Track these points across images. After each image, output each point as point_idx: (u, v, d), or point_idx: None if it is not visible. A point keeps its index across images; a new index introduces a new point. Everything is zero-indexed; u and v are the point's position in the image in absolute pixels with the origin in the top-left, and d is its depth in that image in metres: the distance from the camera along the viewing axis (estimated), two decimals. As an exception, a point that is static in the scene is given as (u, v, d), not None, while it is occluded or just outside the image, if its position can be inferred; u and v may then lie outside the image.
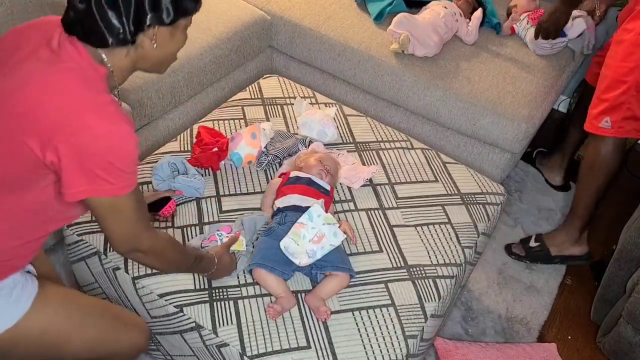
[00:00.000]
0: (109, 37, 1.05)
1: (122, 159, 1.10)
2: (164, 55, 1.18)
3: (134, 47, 1.11)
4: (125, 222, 1.18)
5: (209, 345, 1.47)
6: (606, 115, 2.02)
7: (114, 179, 1.10)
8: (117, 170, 1.10)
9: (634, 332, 1.90)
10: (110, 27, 1.04)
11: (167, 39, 1.14)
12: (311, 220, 1.56)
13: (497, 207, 1.90)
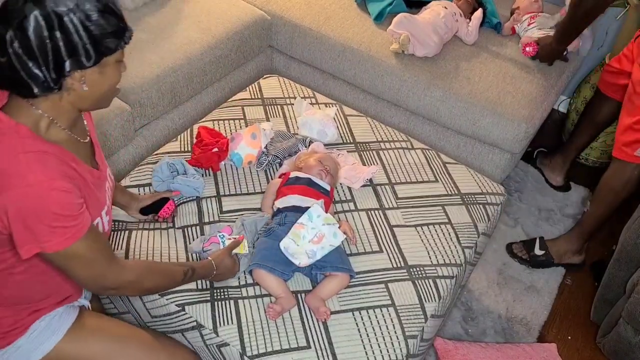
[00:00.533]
0: (34, 87, 1.05)
1: (48, 214, 1.08)
2: (99, 94, 1.15)
3: (65, 91, 1.10)
4: (84, 268, 1.18)
5: (210, 344, 1.47)
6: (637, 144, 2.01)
7: (51, 235, 1.10)
8: (50, 226, 1.09)
9: (634, 332, 1.90)
10: (33, 77, 1.03)
11: (96, 78, 1.11)
12: (311, 220, 1.56)
13: (497, 207, 1.90)
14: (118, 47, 1.10)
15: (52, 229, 1.09)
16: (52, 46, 1.01)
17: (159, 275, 1.36)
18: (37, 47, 1.01)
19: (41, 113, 1.11)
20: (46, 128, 1.13)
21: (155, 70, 2.22)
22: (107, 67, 1.11)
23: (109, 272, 1.22)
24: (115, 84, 1.17)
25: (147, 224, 1.67)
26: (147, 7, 2.50)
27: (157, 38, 2.34)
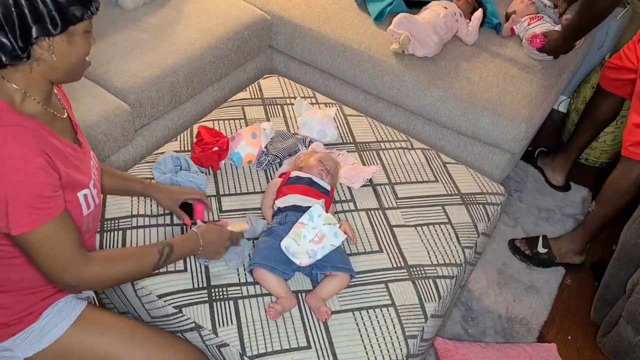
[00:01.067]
0: (2, 56, 1.05)
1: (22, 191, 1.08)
2: (69, 64, 1.15)
3: (34, 61, 1.10)
4: (47, 256, 1.15)
5: (209, 345, 1.47)
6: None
7: (20, 214, 1.08)
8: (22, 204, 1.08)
9: (634, 332, 1.90)
10: (1, 47, 1.04)
11: (65, 47, 1.11)
12: (312, 220, 1.56)
13: (497, 207, 1.90)
14: (84, 15, 1.10)
15: (23, 208, 1.08)
16: (18, 13, 1.02)
17: (128, 262, 1.29)
18: (2, 15, 1.02)
19: (14, 86, 1.12)
20: (20, 101, 1.13)
21: (155, 70, 2.22)
22: (76, 37, 1.12)
23: (70, 265, 1.17)
24: (84, 55, 1.17)
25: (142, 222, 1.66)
26: (147, 7, 2.50)
27: (157, 38, 2.34)
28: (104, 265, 1.25)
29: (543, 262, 2.37)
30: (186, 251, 1.41)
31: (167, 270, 1.54)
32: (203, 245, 1.44)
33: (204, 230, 1.45)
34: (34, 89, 1.15)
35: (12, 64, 1.08)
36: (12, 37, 1.04)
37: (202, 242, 1.43)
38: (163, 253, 1.35)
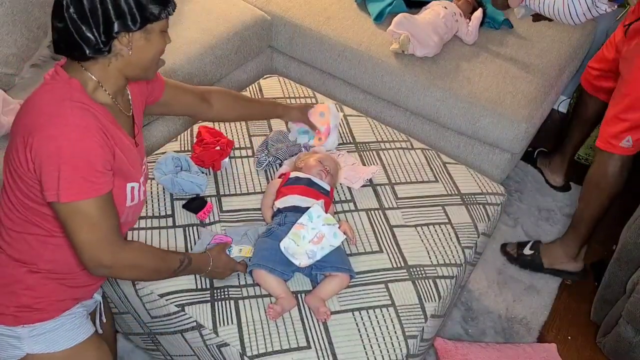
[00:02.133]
0: (86, 49, 1.14)
1: (77, 159, 1.14)
2: (145, 60, 1.24)
3: (113, 56, 1.19)
4: (88, 229, 1.17)
5: (210, 345, 1.47)
6: (628, 134, 1.96)
7: (71, 182, 1.14)
8: (74, 172, 1.14)
9: (634, 332, 1.90)
10: (85, 40, 1.13)
11: (142, 44, 1.20)
12: (311, 220, 1.56)
13: (497, 207, 1.90)
14: (161, 14, 1.18)
15: (75, 177, 1.13)
16: (103, 10, 1.11)
17: (157, 258, 1.34)
18: (89, 10, 1.11)
19: (90, 75, 1.20)
20: (93, 89, 1.21)
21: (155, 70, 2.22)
22: (152, 35, 1.20)
23: (108, 244, 1.20)
24: (159, 53, 1.27)
25: (143, 224, 1.67)
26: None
27: (157, 38, 2.34)
28: (139, 253, 1.29)
29: (528, 264, 2.33)
30: (196, 269, 1.46)
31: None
32: (211, 268, 1.48)
33: (215, 255, 1.49)
34: (108, 82, 1.23)
35: (93, 56, 1.16)
36: (96, 31, 1.13)
37: (211, 266, 1.47)
38: (183, 263, 1.39)
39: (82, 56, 1.16)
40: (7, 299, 1.29)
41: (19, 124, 1.19)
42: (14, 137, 1.19)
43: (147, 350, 1.79)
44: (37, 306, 1.31)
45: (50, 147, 1.12)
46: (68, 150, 1.12)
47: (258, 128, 2.02)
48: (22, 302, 1.29)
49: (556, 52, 2.54)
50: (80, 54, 1.16)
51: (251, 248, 1.56)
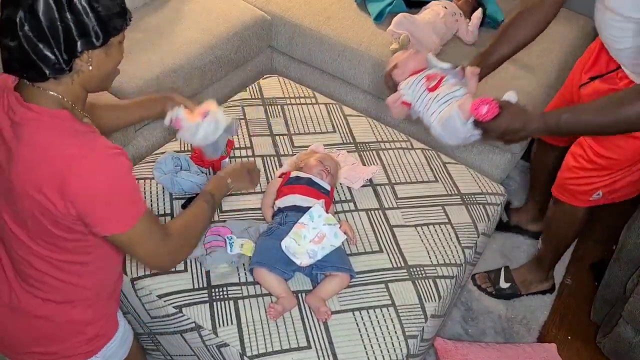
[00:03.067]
0: (46, 69, 1.07)
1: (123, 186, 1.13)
2: (105, 73, 1.18)
3: (75, 73, 1.13)
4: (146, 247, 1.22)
5: (209, 345, 1.47)
6: (599, 190, 1.86)
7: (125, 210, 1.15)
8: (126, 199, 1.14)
9: (634, 332, 1.90)
10: (44, 59, 1.06)
11: (102, 59, 1.14)
12: (312, 220, 1.56)
13: (497, 207, 1.90)
14: (123, 27, 1.13)
15: (125, 204, 1.14)
16: (63, 27, 1.04)
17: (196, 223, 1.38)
18: (48, 28, 1.03)
19: (61, 97, 1.13)
20: (71, 110, 1.16)
21: (155, 70, 2.22)
22: (112, 48, 1.15)
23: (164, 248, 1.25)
24: (117, 64, 1.21)
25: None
26: (147, 7, 2.50)
27: (157, 38, 2.34)
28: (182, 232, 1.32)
29: (509, 296, 2.25)
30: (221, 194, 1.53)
31: (167, 270, 1.54)
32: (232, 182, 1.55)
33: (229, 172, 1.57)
34: (78, 101, 1.18)
35: (54, 76, 1.10)
36: (57, 50, 1.05)
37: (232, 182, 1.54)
38: (209, 202, 1.44)
39: (40, 77, 1.09)
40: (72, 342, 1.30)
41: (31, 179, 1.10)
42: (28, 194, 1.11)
43: (147, 350, 1.79)
44: (103, 332, 1.33)
45: (91, 186, 1.09)
46: (114, 180, 1.11)
47: (258, 128, 2.01)
48: (91, 336, 1.31)
49: (556, 52, 2.54)
50: (36, 74, 1.08)
51: (252, 245, 1.56)
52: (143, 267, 1.56)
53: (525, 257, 2.38)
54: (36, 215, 1.13)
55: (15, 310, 1.26)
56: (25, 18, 1.02)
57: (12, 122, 1.11)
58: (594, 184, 1.86)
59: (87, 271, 1.26)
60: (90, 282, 1.28)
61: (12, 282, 1.25)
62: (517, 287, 2.24)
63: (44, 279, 1.23)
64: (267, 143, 1.96)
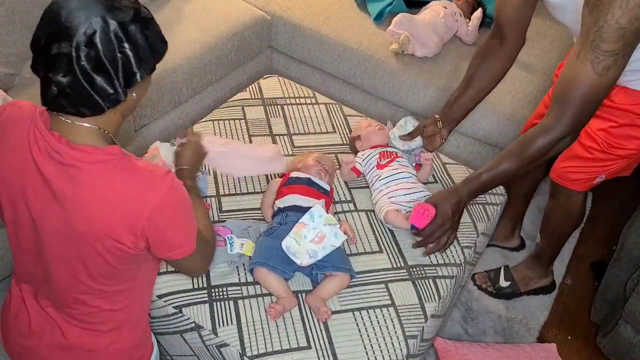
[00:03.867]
0: (103, 103, 1.02)
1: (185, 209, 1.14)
2: (141, 100, 1.15)
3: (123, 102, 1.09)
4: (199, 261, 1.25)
5: (209, 345, 1.47)
6: (602, 173, 1.85)
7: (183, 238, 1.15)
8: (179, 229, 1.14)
9: (634, 332, 1.90)
10: (101, 92, 1.01)
11: (143, 86, 1.11)
12: (312, 220, 1.56)
13: (497, 207, 1.90)
14: (164, 52, 1.10)
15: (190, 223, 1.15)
16: (122, 57, 1.00)
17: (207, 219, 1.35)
18: (107, 59, 0.98)
19: (101, 130, 1.08)
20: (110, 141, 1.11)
21: (155, 71, 2.21)
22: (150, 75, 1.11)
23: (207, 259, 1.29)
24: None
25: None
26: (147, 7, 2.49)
27: (157, 38, 2.34)
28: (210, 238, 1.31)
29: (509, 295, 2.24)
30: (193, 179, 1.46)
31: (167, 270, 1.54)
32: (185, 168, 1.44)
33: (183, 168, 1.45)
34: (115, 129, 1.13)
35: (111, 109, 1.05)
36: (117, 82, 1.01)
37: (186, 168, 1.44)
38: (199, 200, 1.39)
39: (94, 110, 1.03)
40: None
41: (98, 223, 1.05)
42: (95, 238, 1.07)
43: (147, 350, 1.79)
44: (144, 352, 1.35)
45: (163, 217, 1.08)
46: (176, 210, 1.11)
47: (258, 128, 2.02)
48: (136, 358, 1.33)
49: (556, 52, 2.54)
50: (91, 108, 1.03)
51: (253, 245, 1.56)
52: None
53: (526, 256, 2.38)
54: (101, 254, 1.09)
55: (65, 348, 1.23)
56: (82, 50, 0.96)
57: (59, 163, 1.05)
58: (599, 172, 1.84)
59: (133, 296, 1.24)
60: (135, 306, 1.27)
61: (58, 321, 1.22)
62: (516, 285, 2.23)
63: (95, 312, 1.20)
64: (267, 143, 1.96)
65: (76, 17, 0.96)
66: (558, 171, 1.91)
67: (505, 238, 2.42)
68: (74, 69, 0.97)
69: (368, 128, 1.91)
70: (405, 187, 1.73)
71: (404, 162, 1.81)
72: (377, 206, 1.74)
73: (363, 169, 1.84)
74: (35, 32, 0.99)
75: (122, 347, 1.27)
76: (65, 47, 0.96)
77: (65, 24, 0.96)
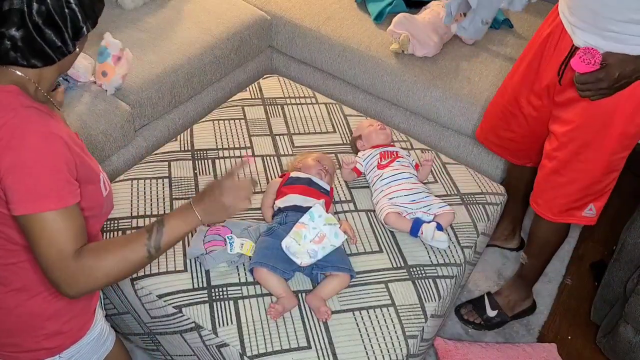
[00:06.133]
0: (54, 54, 1.09)
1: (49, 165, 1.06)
2: (79, 54, 1.18)
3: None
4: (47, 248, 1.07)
5: (209, 345, 1.47)
6: (591, 203, 1.76)
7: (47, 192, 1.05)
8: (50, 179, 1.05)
9: (634, 332, 1.90)
10: (52, 45, 1.07)
11: (84, 41, 1.15)
12: (312, 220, 1.56)
13: (497, 207, 1.90)
14: (103, 7, 1.15)
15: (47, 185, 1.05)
16: (70, 13, 1.06)
17: (114, 247, 1.13)
18: (58, 15, 1.05)
19: (27, 78, 1.12)
20: (33, 92, 1.13)
21: (155, 70, 2.22)
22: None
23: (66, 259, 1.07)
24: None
25: (142, 223, 1.67)
26: (147, 7, 2.50)
27: (157, 38, 2.34)
28: (91, 256, 1.09)
29: (498, 324, 2.16)
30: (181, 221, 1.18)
31: (167, 270, 1.54)
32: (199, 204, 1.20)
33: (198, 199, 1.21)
34: (44, 82, 1.16)
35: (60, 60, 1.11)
36: (67, 35, 1.08)
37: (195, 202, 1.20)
38: (152, 230, 1.15)
39: (44, 62, 1.09)
40: (32, 335, 1.22)
41: None
42: None
43: (147, 350, 1.79)
44: (66, 329, 1.24)
45: (24, 158, 1.04)
46: (43, 157, 1.05)
47: (258, 128, 2.02)
48: (50, 332, 1.22)
49: (556, 52, 2.54)
50: (41, 60, 1.08)
51: (253, 245, 1.56)
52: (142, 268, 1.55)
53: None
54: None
55: None
56: (33, 6, 1.03)
57: None
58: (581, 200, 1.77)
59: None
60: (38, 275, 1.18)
61: None
62: (503, 312, 2.15)
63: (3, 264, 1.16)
64: (267, 143, 1.97)
65: None
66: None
67: (505, 238, 2.41)
68: (26, 23, 1.04)
69: (369, 128, 1.92)
70: (406, 187, 1.73)
71: (404, 162, 1.82)
72: (377, 207, 1.74)
73: (364, 168, 1.84)
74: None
75: (31, 312, 1.20)
76: (17, 3, 1.03)
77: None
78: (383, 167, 1.79)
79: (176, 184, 1.80)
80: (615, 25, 1.45)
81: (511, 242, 2.42)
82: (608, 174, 1.70)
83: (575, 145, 1.67)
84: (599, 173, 1.69)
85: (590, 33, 1.52)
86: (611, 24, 1.46)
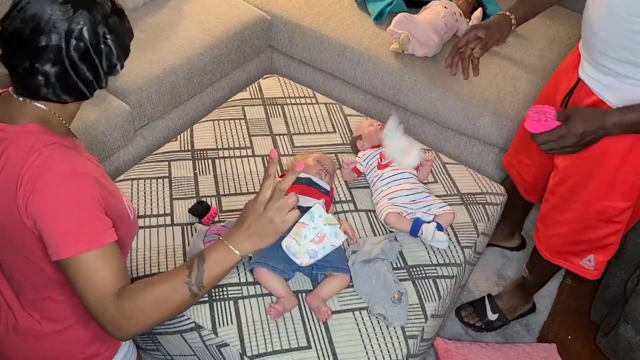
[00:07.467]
0: (87, 91, 1.06)
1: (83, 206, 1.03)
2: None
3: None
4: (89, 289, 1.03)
5: (209, 345, 1.47)
6: (590, 253, 1.68)
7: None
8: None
9: (634, 332, 1.90)
10: (86, 81, 1.05)
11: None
12: (312, 220, 1.55)
13: (497, 207, 1.90)
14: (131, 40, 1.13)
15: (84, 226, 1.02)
16: (105, 48, 1.04)
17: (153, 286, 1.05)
18: (94, 51, 1.03)
19: (48, 110, 1.08)
20: (56, 125, 1.10)
21: (155, 70, 2.22)
22: None
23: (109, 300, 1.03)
24: None
25: (142, 223, 1.67)
26: (147, 7, 2.50)
27: (157, 38, 2.34)
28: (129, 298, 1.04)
29: (499, 327, 2.15)
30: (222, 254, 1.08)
31: (166, 269, 1.53)
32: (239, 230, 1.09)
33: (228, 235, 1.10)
34: (66, 113, 1.12)
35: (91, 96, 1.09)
36: (101, 71, 1.05)
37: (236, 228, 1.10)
38: (192, 266, 1.06)
39: (77, 98, 1.07)
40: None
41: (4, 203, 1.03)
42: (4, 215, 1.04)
43: (147, 350, 1.79)
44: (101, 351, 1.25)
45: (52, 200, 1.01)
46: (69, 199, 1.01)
47: (258, 128, 2.02)
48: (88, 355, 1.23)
49: (556, 52, 2.54)
50: (74, 96, 1.06)
51: None
52: (143, 266, 1.56)
53: (525, 255, 2.38)
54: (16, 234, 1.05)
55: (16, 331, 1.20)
56: (71, 42, 1.00)
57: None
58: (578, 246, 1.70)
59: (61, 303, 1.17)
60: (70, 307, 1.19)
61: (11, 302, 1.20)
62: (504, 316, 2.14)
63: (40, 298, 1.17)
64: (267, 143, 1.97)
65: (63, 9, 0.99)
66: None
67: (505, 238, 2.41)
68: (62, 60, 1.01)
69: (369, 127, 1.92)
70: (407, 187, 1.73)
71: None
72: (377, 207, 1.74)
73: (364, 168, 1.84)
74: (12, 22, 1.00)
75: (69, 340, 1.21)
76: (55, 39, 0.99)
77: (52, 17, 0.99)
78: (383, 167, 1.79)
79: (176, 184, 1.80)
80: (612, 64, 1.42)
81: (511, 241, 2.42)
82: (605, 222, 1.60)
83: (572, 182, 1.61)
84: (594, 218, 1.60)
85: (593, 67, 1.50)
86: (607, 62, 1.43)
